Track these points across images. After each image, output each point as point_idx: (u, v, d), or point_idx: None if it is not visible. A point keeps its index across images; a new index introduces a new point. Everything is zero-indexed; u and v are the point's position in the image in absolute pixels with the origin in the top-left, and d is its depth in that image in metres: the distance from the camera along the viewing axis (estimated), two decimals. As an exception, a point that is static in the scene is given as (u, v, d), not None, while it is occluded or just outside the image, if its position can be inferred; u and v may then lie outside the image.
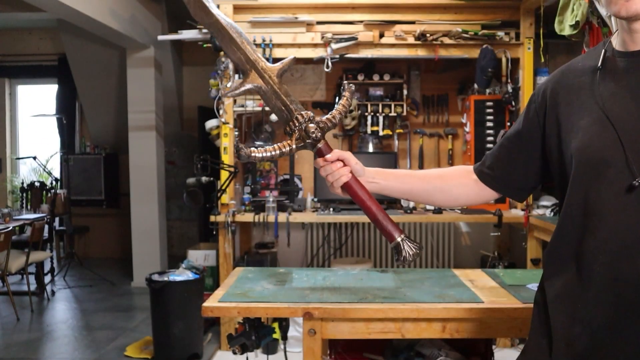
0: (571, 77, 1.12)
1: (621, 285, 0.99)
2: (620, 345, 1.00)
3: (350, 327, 1.78)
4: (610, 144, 0.99)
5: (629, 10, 0.99)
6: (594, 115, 1.03)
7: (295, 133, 1.31)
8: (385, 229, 1.30)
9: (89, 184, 7.04)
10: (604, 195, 1.00)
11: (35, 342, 4.09)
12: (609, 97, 1.03)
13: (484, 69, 3.88)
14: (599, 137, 1.01)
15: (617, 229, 0.99)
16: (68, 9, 4.01)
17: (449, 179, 1.37)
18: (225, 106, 3.97)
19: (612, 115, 1.01)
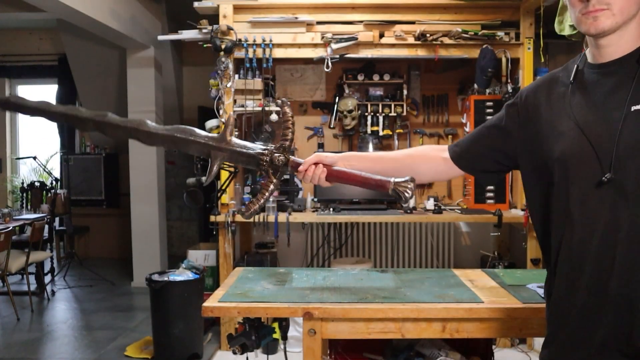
0: (552, 87, 1.25)
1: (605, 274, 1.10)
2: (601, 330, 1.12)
3: (350, 327, 1.78)
4: (584, 147, 1.13)
5: (597, 28, 1.11)
6: (569, 123, 1.17)
7: (269, 171, 1.56)
8: (377, 186, 1.46)
9: (89, 184, 7.04)
10: (582, 191, 1.13)
11: (35, 342, 4.10)
12: (580, 106, 1.16)
13: (484, 69, 3.88)
14: (576, 142, 1.14)
15: (596, 221, 1.11)
16: (68, 9, 4.01)
17: (417, 157, 1.53)
18: (225, 106, 3.97)
19: (582, 122, 1.14)
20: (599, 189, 1.10)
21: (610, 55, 1.15)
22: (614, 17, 1.10)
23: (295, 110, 4.53)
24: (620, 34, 1.13)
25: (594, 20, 1.10)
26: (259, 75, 4.02)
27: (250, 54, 3.95)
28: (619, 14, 1.10)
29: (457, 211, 4.11)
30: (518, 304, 1.78)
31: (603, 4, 1.09)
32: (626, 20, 1.11)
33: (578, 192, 1.14)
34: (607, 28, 1.11)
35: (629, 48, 1.13)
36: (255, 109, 4.02)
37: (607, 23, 1.10)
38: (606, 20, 1.10)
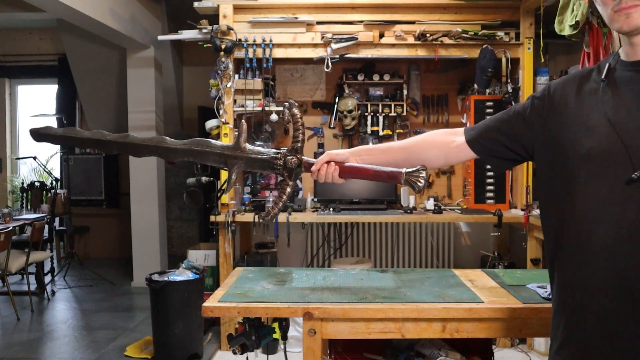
0: (583, 83, 1.22)
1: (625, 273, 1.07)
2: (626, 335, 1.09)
3: (350, 327, 1.78)
4: (614, 144, 1.10)
5: (630, 25, 1.09)
6: (600, 119, 1.13)
7: (285, 174, 1.58)
8: (390, 178, 1.48)
9: (89, 184, 7.05)
10: (611, 188, 1.10)
11: (35, 342, 4.10)
12: (612, 103, 1.13)
13: (484, 69, 3.88)
14: (606, 139, 1.11)
15: (623, 219, 1.08)
16: (68, 9, 4.01)
17: (427, 144, 1.51)
18: (225, 106, 3.97)
19: (613, 119, 1.11)
20: (628, 187, 1.08)
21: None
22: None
23: (295, 110, 4.53)
24: None
25: (627, 17, 1.09)
26: (259, 75, 4.02)
27: (250, 54, 3.95)
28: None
29: (457, 211, 4.11)
30: (518, 304, 1.78)
31: (636, 1, 1.08)
32: None
33: (606, 190, 1.11)
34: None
35: None
36: (255, 109, 4.02)
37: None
38: (639, 17, 1.08)
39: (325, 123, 4.55)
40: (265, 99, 4.10)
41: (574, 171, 1.16)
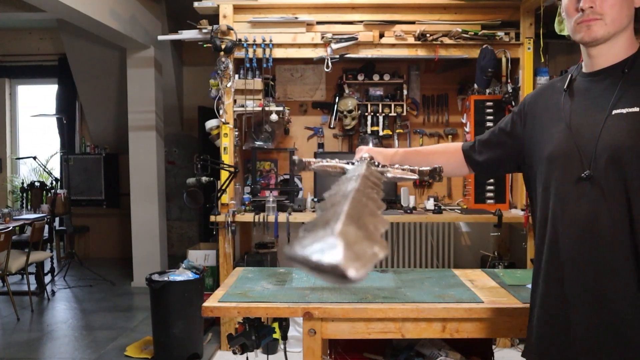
0: (550, 94, 1.36)
1: (580, 265, 1.20)
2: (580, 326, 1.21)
3: (350, 327, 1.78)
4: (570, 147, 1.23)
5: (590, 36, 1.21)
6: (561, 126, 1.27)
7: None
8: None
9: (89, 184, 7.04)
10: (564, 188, 1.23)
11: (35, 342, 4.10)
12: (571, 110, 1.27)
13: (484, 69, 3.88)
14: (564, 142, 1.25)
15: (576, 217, 1.20)
16: (68, 9, 4.01)
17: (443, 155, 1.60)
18: (225, 106, 3.97)
19: (571, 125, 1.25)
20: (578, 185, 1.20)
21: (600, 64, 1.25)
22: (606, 27, 1.19)
23: (295, 110, 4.53)
24: (610, 44, 1.22)
25: (588, 28, 1.20)
26: (259, 75, 4.02)
27: (250, 54, 3.95)
28: (611, 24, 1.19)
29: (457, 211, 4.11)
30: (518, 304, 1.78)
31: (597, 14, 1.18)
32: (617, 32, 1.20)
33: (560, 190, 1.24)
34: (599, 36, 1.20)
35: (618, 59, 1.23)
36: (255, 109, 4.02)
37: (600, 32, 1.19)
38: (599, 29, 1.19)
39: (325, 123, 4.55)
40: (265, 99, 4.10)
41: (538, 173, 1.30)
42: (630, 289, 1.14)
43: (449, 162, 1.56)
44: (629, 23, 1.21)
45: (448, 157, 1.58)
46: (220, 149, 4.00)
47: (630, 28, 1.22)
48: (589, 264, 1.18)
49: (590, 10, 1.18)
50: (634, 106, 1.15)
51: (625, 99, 1.17)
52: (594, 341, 1.18)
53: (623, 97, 1.17)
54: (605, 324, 1.17)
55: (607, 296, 1.16)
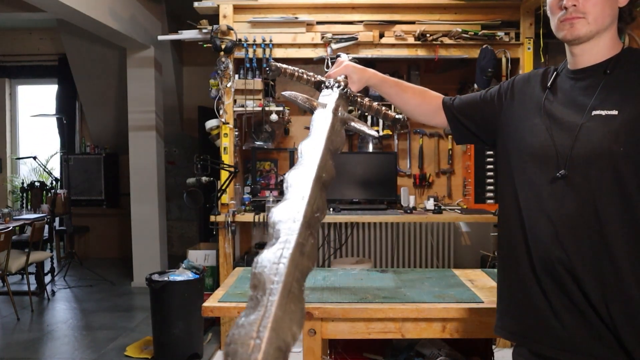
0: (535, 83, 1.35)
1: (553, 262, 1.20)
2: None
3: (350, 327, 1.78)
4: (548, 145, 1.23)
5: (573, 34, 1.22)
6: (541, 121, 1.27)
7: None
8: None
9: (89, 184, 7.04)
10: (540, 182, 1.23)
11: (35, 342, 4.09)
12: (551, 107, 1.27)
13: (484, 69, 3.88)
14: (542, 139, 1.25)
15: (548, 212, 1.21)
16: (68, 9, 4.01)
17: (419, 96, 1.57)
18: (225, 106, 3.97)
19: (551, 122, 1.24)
20: (552, 184, 1.21)
21: (583, 63, 1.25)
22: (588, 26, 1.20)
23: (295, 110, 4.53)
24: (592, 43, 1.23)
25: (571, 26, 1.21)
26: (259, 75, 4.02)
27: (250, 54, 3.95)
28: (594, 23, 1.19)
29: (457, 211, 4.11)
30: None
31: (579, 13, 1.19)
32: (600, 31, 1.21)
33: (534, 186, 1.24)
34: (581, 35, 1.21)
35: (600, 58, 1.23)
36: (255, 109, 4.02)
37: (582, 30, 1.20)
38: (582, 27, 1.20)
39: (325, 123, 4.54)
40: (265, 99, 4.10)
41: (513, 164, 1.30)
42: (597, 291, 1.15)
43: (423, 104, 1.55)
44: (612, 23, 1.22)
45: (424, 99, 1.55)
46: (220, 149, 4.00)
47: (614, 28, 1.23)
48: (559, 264, 1.19)
49: (573, 9, 1.19)
50: (613, 109, 1.16)
51: (605, 101, 1.17)
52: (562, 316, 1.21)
53: (603, 98, 1.18)
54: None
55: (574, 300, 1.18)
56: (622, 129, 1.14)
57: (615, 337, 1.15)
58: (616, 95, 1.17)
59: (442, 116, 1.51)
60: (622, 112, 1.15)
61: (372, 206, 4.20)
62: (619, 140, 1.13)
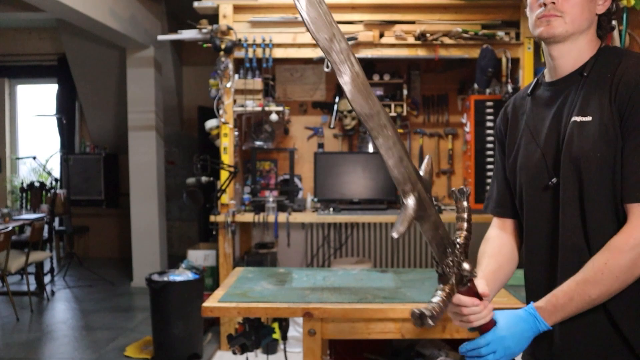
0: (517, 105, 1.37)
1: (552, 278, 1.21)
2: None
3: (350, 327, 1.78)
4: (537, 157, 1.25)
5: (549, 32, 1.20)
6: (528, 136, 1.29)
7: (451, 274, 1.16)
8: None
9: (89, 184, 7.04)
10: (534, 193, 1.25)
11: (35, 342, 4.09)
12: (535, 121, 1.28)
13: (484, 69, 3.88)
14: (530, 153, 1.27)
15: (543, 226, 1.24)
16: (68, 9, 4.01)
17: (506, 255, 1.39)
18: (225, 106, 3.97)
19: (536, 135, 1.26)
20: (544, 193, 1.23)
21: (562, 68, 1.25)
22: (565, 25, 1.20)
23: (295, 110, 4.53)
24: (570, 46, 1.22)
25: (547, 24, 1.20)
26: (259, 75, 4.02)
27: (250, 54, 3.95)
28: (570, 24, 1.19)
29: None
30: (518, 303, 1.78)
31: (557, 11, 1.19)
32: (575, 32, 1.21)
33: (529, 199, 1.27)
34: (557, 33, 1.20)
35: (579, 64, 1.23)
36: (255, 109, 4.02)
37: (559, 29, 1.20)
38: (558, 26, 1.20)
39: (325, 123, 4.55)
40: (265, 99, 4.10)
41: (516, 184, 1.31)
42: None
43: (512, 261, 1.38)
44: (589, 27, 1.23)
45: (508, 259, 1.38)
46: (220, 149, 4.00)
47: (591, 33, 1.24)
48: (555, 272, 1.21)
49: (552, 6, 1.19)
50: (587, 115, 1.16)
51: (582, 107, 1.18)
52: None
53: (580, 104, 1.19)
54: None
55: None
56: (596, 134, 1.14)
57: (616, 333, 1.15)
58: (592, 99, 1.17)
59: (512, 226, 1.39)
60: (595, 117, 1.15)
61: (372, 206, 4.20)
62: (595, 146, 1.14)
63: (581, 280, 1.13)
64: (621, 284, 1.11)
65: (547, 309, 1.16)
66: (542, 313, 1.16)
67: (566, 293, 1.14)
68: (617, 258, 1.10)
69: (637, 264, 1.10)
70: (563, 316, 1.15)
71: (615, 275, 1.10)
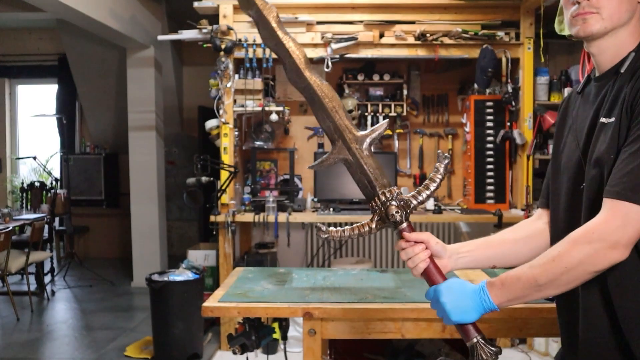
0: (570, 101, 1.30)
1: None
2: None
3: (350, 327, 1.78)
4: (576, 159, 1.18)
5: (585, 31, 1.13)
6: (572, 136, 1.22)
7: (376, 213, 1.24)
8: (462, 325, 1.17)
9: (89, 184, 7.04)
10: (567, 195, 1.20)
11: (35, 342, 4.09)
12: (579, 120, 1.21)
13: (484, 69, 3.88)
14: (571, 154, 1.20)
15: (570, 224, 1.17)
16: (68, 9, 4.01)
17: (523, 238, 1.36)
18: (225, 106, 3.97)
19: (579, 137, 1.19)
20: (575, 198, 1.17)
21: (603, 63, 1.17)
22: (602, 22, 1.11)
23: (295, 110, 4.53)
24: (610, 41, 1.14)
25: (583, 22, 1.13)
26: (259, 75, 4.02)
27: (250, 54, 3.95)
28: (608, 19, 1.11)
29: (457, 211, 4.10)
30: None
31: (593, 8, 1.11)
32: (615, 27, 1.12)
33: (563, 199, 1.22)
34: (595, 31, 1.12)
35: (617, 60, 1.14)
36: (255, 109, 4.02)
37: (595, 27, 1.12)
38: (595, 23, 1.12)
39: (325, 123, 4.54)
40: (265, 99, 4.10)
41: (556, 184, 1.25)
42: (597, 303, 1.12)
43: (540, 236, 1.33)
44: (630, 19, 1.12)
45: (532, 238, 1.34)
46: (220, 149, 4.00)
47: (633, 25, 1.13)
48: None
49: (586, 3, 1.11)
50: (612, 116, 1.10)
51: (609, 107, 1.11)
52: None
53: (609, 104, 1.12)
54: None
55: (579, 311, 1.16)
56: (615, 136, 1.08)
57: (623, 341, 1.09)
58: (620, 98, 1.09)
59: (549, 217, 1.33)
60: (617, 118, 1.08)
61: (372, 206, 4.19)
62: (610, 148, 1.08)
63: (533, 264, 1.09)
64: (571, 277, 1.05)
65: (495, 284, 1.11)
66: (491, 289, 1.11)
67: (516, 273, 1.11)
68: (571, 250, 1.05)
69: (591, 260, 1.04)
70: (509, 297, 1.10)
71: (564, 266, 1.05)
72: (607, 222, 1.03)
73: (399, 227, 1.22)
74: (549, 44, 4.03)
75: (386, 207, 1.23)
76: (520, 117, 4.07)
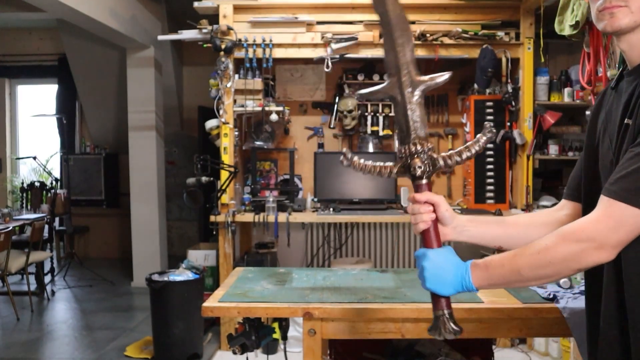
0: (605, 96, 1.22)
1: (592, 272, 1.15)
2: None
3: (350, 327, 1.78)
4: (609, 160, 1.11)
5: (613, 26, 1.07)
6: (606, 135, 1.15)
7: (402, 160, 1.23)
8: (435, 294, 1.18)
9: (89, 184, 7.04)
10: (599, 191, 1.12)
11: (35, 342, 4.09)
12: (611, 119, 1.14)
13: (484, 69, 3.88)
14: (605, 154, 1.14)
15: None
16: (68, 9, 4.01)
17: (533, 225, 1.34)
18: (225, 106, 3.97)
19: (610, 133, 1.12)
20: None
21: (633, 63, 1.11)
22: (632, 15, 1.06)
23: (295, 110, 4.53)
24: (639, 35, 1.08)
25: (611, 17, 1.07)
26: (259, 75, 4.02)
27: (250, 54, 3.95)
28: (638, 12, 1.05)
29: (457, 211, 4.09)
30: (518, 304, 1.78)
31: (621, 1, 1.06)
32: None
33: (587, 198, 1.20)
34: (623, 26, 1.07)
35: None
36: (255, 109, 4.02)
37: (624, 21, 1.06)
38: (624, 17, 1.06)
39: (325, 123, 4.55)
40: (265, 99, 4.10)
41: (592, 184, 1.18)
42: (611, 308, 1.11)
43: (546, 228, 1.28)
44: None
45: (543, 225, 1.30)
46: (220, 149, 4.00)
47: None
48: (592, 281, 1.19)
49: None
50: (632, 117, 1.05)
51: (633, 107, 1.06)
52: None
53: (633, 103, 1.06)
54: None
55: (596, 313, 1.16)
56: (630, 140, 1.04)
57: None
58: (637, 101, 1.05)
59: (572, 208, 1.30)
60: (634, 119, 1.04)
61: (372, 206, 4.20)
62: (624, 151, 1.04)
63: (519, 252, 1.08)
64: (554, 272, 1.04)
65: (479, 266, 1.11)
66: (474, 270, 1.11)
67: (501, 259, 1.10)
68: (558, 245, 1.03)
69: (575, 258, 1.02)
70: (490, 282, 1.09)
71: (548, 260, 1.03)
72: (600, 222, 1.02)
73: (417, 182, 1.23)
74: (549, 44, 4.03)
75: (412, 158, 1.21)
76: (520, 117, 4.07)
